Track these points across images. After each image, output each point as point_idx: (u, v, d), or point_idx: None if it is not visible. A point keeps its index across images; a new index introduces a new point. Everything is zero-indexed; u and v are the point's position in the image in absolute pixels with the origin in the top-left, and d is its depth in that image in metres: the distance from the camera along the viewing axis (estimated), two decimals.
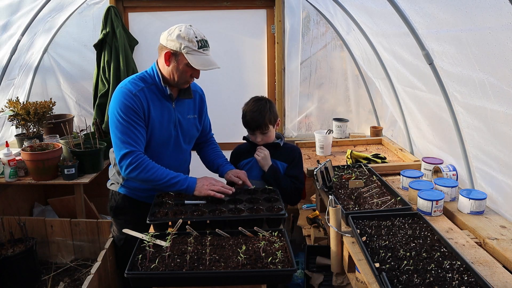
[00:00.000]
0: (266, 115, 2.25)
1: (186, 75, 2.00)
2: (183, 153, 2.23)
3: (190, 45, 1.92)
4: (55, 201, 3.29)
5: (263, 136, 2.30)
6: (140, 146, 1.98)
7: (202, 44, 1.95)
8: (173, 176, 1.98)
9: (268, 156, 2.28)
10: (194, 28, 1.98)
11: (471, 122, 2.01)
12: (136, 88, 2.00)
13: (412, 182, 2.13)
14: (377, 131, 3.45)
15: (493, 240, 1.68)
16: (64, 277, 2.82)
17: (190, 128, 2.20)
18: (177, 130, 2.13)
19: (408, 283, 1.35)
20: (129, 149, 1.95)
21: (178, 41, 1.92)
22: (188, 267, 1.57)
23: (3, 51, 3.01)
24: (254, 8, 3.67)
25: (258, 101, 2.30)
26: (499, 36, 1.55)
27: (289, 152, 2.37)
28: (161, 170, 1.98)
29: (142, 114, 1.99)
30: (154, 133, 2.05)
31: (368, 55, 3.20)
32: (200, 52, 1.95)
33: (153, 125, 2.04)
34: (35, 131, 3.15)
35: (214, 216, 1.93)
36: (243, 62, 3.80)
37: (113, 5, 3.43)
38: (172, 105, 2.10)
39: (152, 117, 2.03)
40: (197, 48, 1.93)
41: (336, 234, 1.79)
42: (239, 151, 2.44)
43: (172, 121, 2.10)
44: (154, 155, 2.07)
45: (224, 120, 3.80)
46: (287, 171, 2.34)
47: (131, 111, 1.95)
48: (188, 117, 2.18)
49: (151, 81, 2.06)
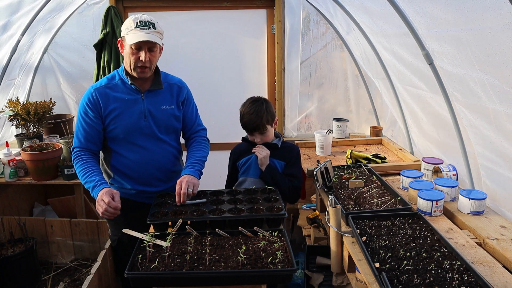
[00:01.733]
0: (264, 116, 2.27)
1: (132, 58, 2.05)
2: (162, 144, 2.22)
3: (130, 27, 2.02)
4: (55, 201, 3.28)
5: (262, 136, 2.33)
6: (86, 142, 2.13)
7: (140, 24, 2.00)
8: (88, 181, 2.03)
9: (268, 155, 2.30)
10: (145, 15, 2.06)
11: (474, 120, 2.00)
12: (97, 86, 2.14)
13: (412, 182, 2.13)
14: (377, 131, 3.45)
15: (493, 240, 1.68)
16: (64, 277, 2.82)
17: (165, 118, 2.20)
18: (148, 121, 2.15)
19: (408, 283, 1.35)
20: (74, 145, 2.16)
21: (123, 28, 2.07)
22: (188, 267, 1.57)
23: (3, 51, 3.01)
24: (254, 8, 3.67)
25: (255, 102, 2.32)
26: (499, 36, 1.55)
27: (287, 151, 2.39)
28: (83, 171, 2.06)
29: (96, 112, 2.11)
30: (118, 124, 2.13)
31: (368, 55, 3.20)
32: (137, 30, 1.99)
33: (116, 117, 2.12)
34: (35, 131, 3.15)
35: (214, 216, 1.93)
36: (243, 62, 3.80)
37: (113, 5, 3.43)
38: (141, 96, 2.15)
39: (111, 111, 2.11)
40: (134, 27, 2.00)
41: (336, 234, 1.79)
42: (239, 150, 2.46)
43: (141, 112, 2.14)
44: (128, 144, 2.16)
45: (224, 120, 3.80)
46: (285, 170, 2.35)
47: (85, 110, 2.12)
48: (163, 108, 2.19)
49: (118, 77, 2.17)
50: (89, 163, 2.09)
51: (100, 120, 2.12)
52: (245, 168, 2.36)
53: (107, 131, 2.15)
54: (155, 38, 2.01)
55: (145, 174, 2.20)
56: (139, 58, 2.03)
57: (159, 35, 2.06)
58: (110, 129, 2.13)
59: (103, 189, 1.95)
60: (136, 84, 2.14)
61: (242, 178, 2.40)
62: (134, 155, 2.17)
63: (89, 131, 2.12)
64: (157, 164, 2.21)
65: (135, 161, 2.18)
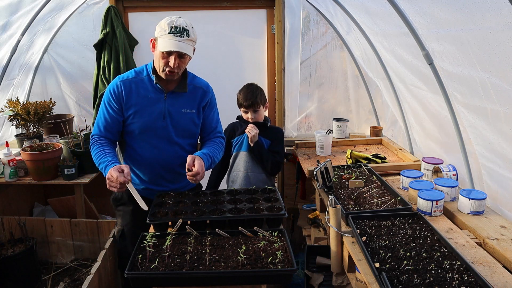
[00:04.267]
0: (258, 96, 2.75)
1: (161, 61, 2.05)
2: (175, 146, 2.22)
3: (163, 30, 2.00)
4: (55, 201, 3.28)
5: (255, 114, 2.77)
6: (105, 131, 2.16)
7: (173, 30, 1.98)
8: (101, 162, 2.04)
9: (257, 134, 2.72)
10: (182, 19, 2.04)
11: (474, 121, 2.00)
12: (123, 78, 2.16)
13: (412, 182, 2.13)
14: (377, 131, 3.45)
15: (493, 240, 1.68)
16: (64, 277, 2.82)
17: (184, 122, 2.21)
18: (166, 121, 2.16)
19: (408, 283, 1.35)
20: (93, 133, 2.19)
21: (157, 28, 2.05)
22: (188, 267, 1.57)
23: (3, 51, 3.01)
24: (254, 8, 3.66)
25: (251, 85, 2.81)
26: (500, 36, 1.55)
27: (273, 132, 2.86)
28: (98, 153, 2.07)
29: (119, 104, 2.13)
30: (136, 120, 2.15)
31: (368, 55, 3.20)
32: (170, 37, 1.98)
33: (136, 112, 2.14)
34: (35, 131, 3.15)
35: (214, 216, 1.93)
36: (243, 62, 3.80)
37: (113, 5, 3.43)
38: (164, 96, 2.16)
39: (132, 106, 2.13)
40: (167, 32, 1.98)
41: (336, 234, 1.79)
42: (233, 128, 2.89)
43: (161, 112, 2.15)
44: (140, 141, 2.19)
45: (224, 120, 3.78)
46: (271, 147, 2.80)
47: (108, 100, 2.14)
48: (183, 111, 2.20)
49: (145, 73, 2.18)
50: (106, 146, 2.11)
51: (121, 112, 2.15)
52: (239, 145, 2.82)
53: (125, 124, 2.18)
54: (186, 48, 2.01)
55: (153, 173, 2.23)
56: (168, 63, 2.03)
57: (191, 43, 2.05)
58: (128, 123, 2.16)
59: (113, 167, 1.95)
60: (161, 84, 2.15)
61: (236, 152, 2.83)
62: (146, 153, 2.19)
63: (109, 121, 2.15)
64: (167, 165, 2.23)
65: (145, 159, 2.20)
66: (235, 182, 2.79)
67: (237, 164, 2.80)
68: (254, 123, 2.77)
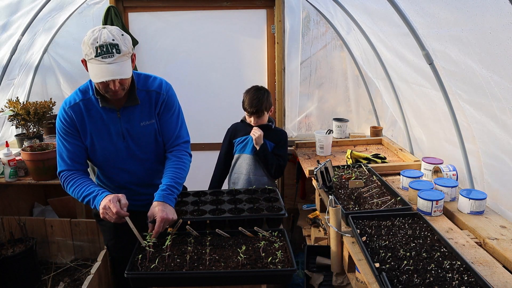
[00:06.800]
0: (263, 104, 2.69)
1: (100, 86, 1.77)
2: (145, 163, 2.05)
3: (89, 52, 1.70)
4: (55, 201, 3.28)
5: (258, 119, 2.74)
6: (72, 162, 1.94)
7: (100, 51, 1.67)
8: (86, 194, 1.85)
9: (262, 136, 2.69)
10: (105, 30, 1.71)
11: (480, 117, 1.98)
12: (70, 103, 1.92)
13: (412, 182, 2.13)
14: (377, 131, 3.45)
15: (493, 240, 1.68)
16: (64, 277, 2.82)
17: (144, 136, 1.99)
18: (126, 141, 1.96)
19: (408, 283, 1.35)
20: (59, 169, 1.95)
21: (83, 48, 1.73)
22: (188, 267, 1.57)
23: (3, 51, 3.01)
24: (254, 8, 3.66)
25: (258, 91, 2.73)
26: (500, 36, 1.55)
27: (277, 135, 2.81)
28: (77, 188, 1.88)
29: (75, 130, 1.91)
30: (97, 147, 1.95)
31: (368, 55, 3.20)
32: (98, 61, 1.67)
33: (93, 139, 1.94)
34: (35, 131, 3.15)
35: (214, 216, 1.93)
36: (243, 62, 3.80)
37: (113, 5, 3.43)
38: (117, 114, 1.91)
39: (89, 132, 1.92)
40: (94, 55, 1.67)
41: (336, 234, 1.79)
42: (236, 129, 2.87)
43: (118, 132, 1.94)
44: (108, 168, 2.03)
45: (224, 120, 3.77)
46: (274, 150, 2.76)
47: (62, 129, 1.92)
48: (142, 124, 1.96)
49: (91, 92, 1.92)
50: (82, 179, 1.91)
51: (80, 138, 1.94)
52: (242, 146, 2.79)
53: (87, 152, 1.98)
54: (120, 70, 1.69)
55: (131, 192, 2.04)
56: (107, 87, 1.76)
57: (125, 58, 1.72)
58: (89, 151, 1.97)
59: (106, 196, 1.78)
60: (110, 103, 1.90)
61: (238, 154, 2.80)
62: (117, 178, 2.06)
63: (72, 151, 1.93)
64: (142, 183, 2.10)
65: (120, 183, 2.09)
66: (236, 184, 2.78)
67: (239, 166, 2.79)
68: (258, 126, 2.75)
